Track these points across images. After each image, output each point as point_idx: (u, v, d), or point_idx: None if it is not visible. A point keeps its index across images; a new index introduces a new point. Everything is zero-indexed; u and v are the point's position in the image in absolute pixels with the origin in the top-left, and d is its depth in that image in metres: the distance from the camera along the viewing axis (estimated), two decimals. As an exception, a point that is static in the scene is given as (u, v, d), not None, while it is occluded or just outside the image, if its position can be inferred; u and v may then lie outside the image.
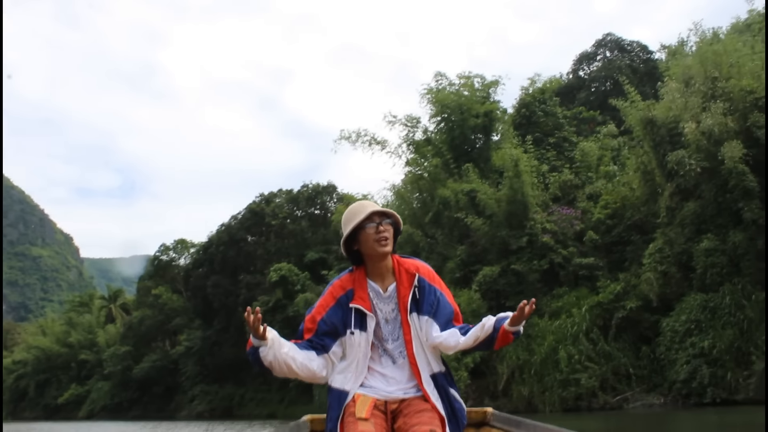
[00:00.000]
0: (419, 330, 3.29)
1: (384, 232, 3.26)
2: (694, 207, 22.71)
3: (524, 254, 26.87)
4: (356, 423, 3.09)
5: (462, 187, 29.17)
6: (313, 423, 3.95)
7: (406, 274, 3.35)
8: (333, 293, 3.35)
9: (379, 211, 3.32)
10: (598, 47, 42.46)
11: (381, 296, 3.33)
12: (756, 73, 22.73)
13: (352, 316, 3.28)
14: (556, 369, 23.38)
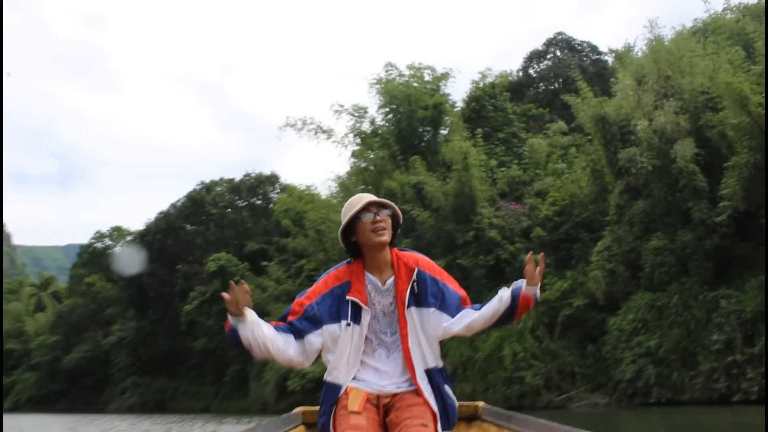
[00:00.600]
0: (417, 324, 3.21)
1: (381, 222, 3.20)
2: (643, 205, 22.24)
3: (470, 249, 26.12)
4: (348, 416, 3.04)
5: (409, 179, 28.28)
6: (304, 415, 3.92)
7: (405, 268, 3.27)
8: (327, 282, 3.27)
9: (376, 201, 3.24)
10: (548, 46, 42.13)
11: (379, 289, 3.25)
12: (708, 73, 22.39)
13: (348, 308, 3.20)
14: (500, 366, 22.66)
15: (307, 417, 3.93)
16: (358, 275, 3.25)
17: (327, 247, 32.60)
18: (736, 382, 17.16)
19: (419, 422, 3.02)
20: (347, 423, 3.02)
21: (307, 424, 3.95)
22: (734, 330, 17.62)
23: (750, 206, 19.68)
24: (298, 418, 3.93)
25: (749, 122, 19.69)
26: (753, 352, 17.12)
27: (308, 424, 3.94)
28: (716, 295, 18.93)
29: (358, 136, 32.36)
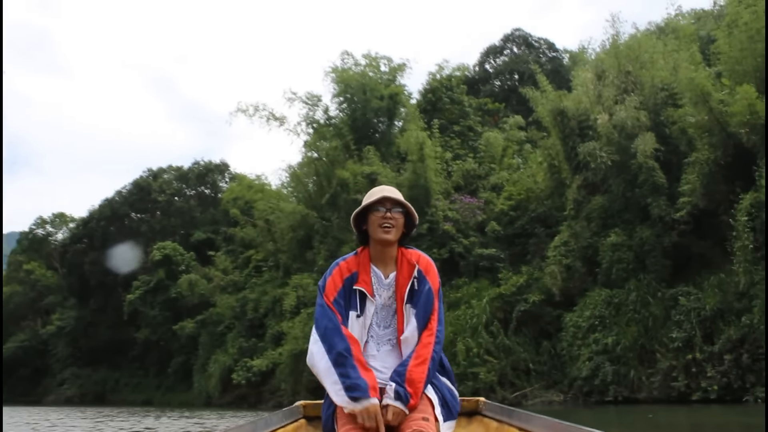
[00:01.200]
0: (412, 320, 3.20)
1: (390, 219, 3.21)
2: (601, 201, 21.67)
3: (424, 242, 25.27)
4: None
5: (362, 169, 27.31)
6: (306, 408, 3.93)
7: (407, 264, 3.28)
8: (341, 274, 3.28)
9: (391, 197, 3.25)
10: (505, 42, 41.54)
11: (382, 282, 3.28)
12: (669, 69, 21.92)
13: (357, 298, 3.23)
14: (453, 362, 21.78)
15: (308, 410, 3.92)
16: (365, 266, 3.27)
17: (276, 237, 31.51)
18: (695, 381, 16.62)
19: (419, 416, 2.99)
20: (349, 416, 3.00)
21: (308, 418, 3.91)
22: (694, 328, 17.08)
23: (709, 203, 19.22)
24: (299, 412, 3.91)
25: (710, 119, 19.22)
26: (713, 350, 16.58)
27: (309, 418, 3.90)
28: (675, 293, 18.40)
29: (311, 125, 31.24)
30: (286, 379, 26.99)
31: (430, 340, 3.14)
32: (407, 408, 3.00)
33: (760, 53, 19.95)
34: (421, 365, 3.08)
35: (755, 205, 16.78)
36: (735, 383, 15.97)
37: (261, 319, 31.13)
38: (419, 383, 3.05)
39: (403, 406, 2.99)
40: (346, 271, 3.26)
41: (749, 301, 16.82)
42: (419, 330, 3.16)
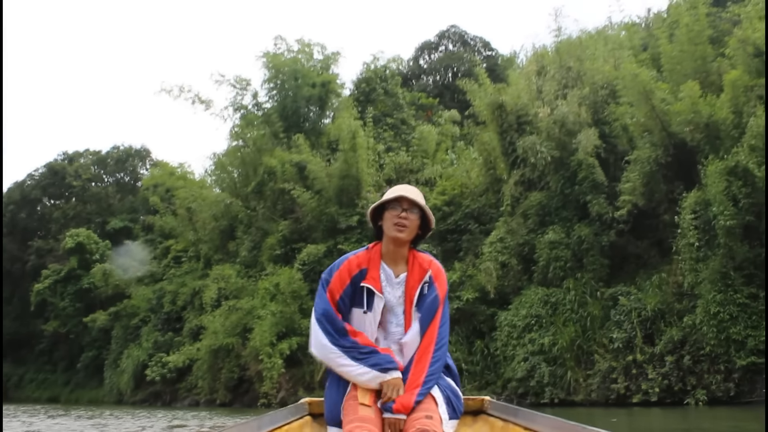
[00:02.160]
0: (413, 322, 3.22)
1: (404, 219, 3.19)
2: (539, 197, 20.81)
3: (353, 234, 24.00)
4: (358, 407, 3.04)
5: (291, 157, 25.83)
6: (311, 406, 3.91)
7: (419, 267, 3.28)
8: (349, 269, 3.26)
9: (408, 197, 3.22)
10: (441, 38, 40.65)
11: (391, 281, 3.26)
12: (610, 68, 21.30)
13: (364, 295, 3.22)
14: (381, 361, 20.61)
15: (314, 408, 3.90)
16: (375, 262, 3.26)
17: (197, 226, 29.70)
18: (635, 383, 15.83)
19: (423, 414, 2.99)
20: (356, 414, 2.99)
21: (313, 415, 3.89)
22: (634, 328, 16.31)
23: (649, 203, 18.60)
24: (304, 409, 3.91)
25: (652, 117, 18.60)
26: (654, 352, 15.85)
27: (314, 415, 3.88)
28: (614, 292, 17.64)
29: (239, 110, 29.54)
30: (203, 376, 25.24)
31: (430, 346, 3.16)
32: (402, 413, 3.02)
33: (701, 55, 19.56)
34: (421, 370, 3.11)
35: (700, 203, 16.13)
36: (676, 385, 15.26)
37: (179, 312, 29.21)
38: (416, 389, 3.07)
39: (393, 415, 3.02)
40: (355, 268, 3.24)
41: (690, 301, 16.19)
42: (420, 334, 3.19)
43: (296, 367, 23.07)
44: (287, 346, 22.22)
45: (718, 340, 14.80)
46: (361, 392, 3.10)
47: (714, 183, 15.67)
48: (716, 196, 15.45)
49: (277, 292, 23.17)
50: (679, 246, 16.18)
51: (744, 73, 17.43)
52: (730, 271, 15.28)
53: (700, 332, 15.25)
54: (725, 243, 15.31)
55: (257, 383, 22.99)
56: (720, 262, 15.40)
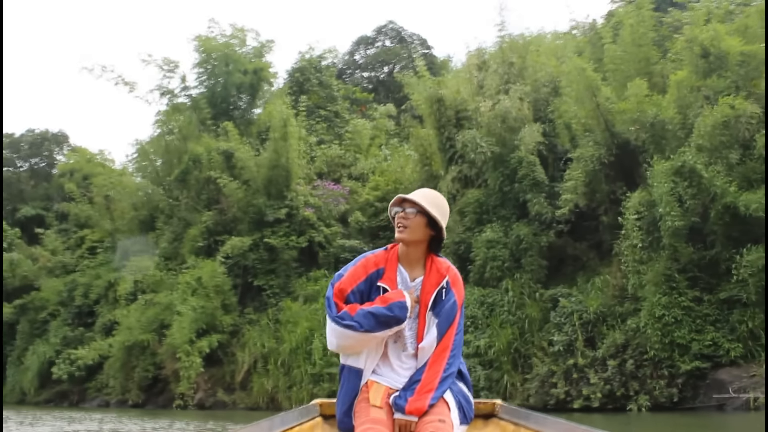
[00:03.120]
0: (433, 327, 3.17)
1: (403, 219, 3.15)
2: (477, 195, 19.92)
3: (281, 228, 22.61)
4: (369, 408, 3.02)
5: (218, 144, 24.25)
6: (322, 407, 3.88)
7: (436, 272, 3.21)
8: (366, 267, 3.21)
9: (405, 197, 3.19)
10: (378, 33, 39.58)
11: (407, 283, 3.21)
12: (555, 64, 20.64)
13: (380, 294, 3.15)
14: (307, 361, 19.27)
15: (325, 409, 3.85)
16: (392, 264, 3.21)
17: (115, 215, 27.72)
18: (576, 388, 14.97)
19: (436, 418, 2.98)
20: (368, 416, 2.98)
21: (324, 416, 3.84)
22: (575, 331, 15.47)
23: (590, 203, 17.91)
24: (315, 410, 3.86)
25: (596, 115, 17.91)
26: (595, 356, 15.04)
27: (326, 416, 3.84)
28: (554, 294, 16.81)
29: (166, 95, 27.70)
30: (115, 375, 23.32)
31: (445, 352, 3.14)
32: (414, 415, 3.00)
33: (644, 57, 19.07)
34: (434, 375, 3.08)
35: (644, 204, 15.44)
36: (618, 391, 14.46)
37: (91, 306, 27.03)
38: (430, 393, 3.04)
39: (405, 417, 3.00)
40: (372, 266, 3.21)
41: (632, 304, 15.48)
42: (437, 340, 3.15)
43: (216, 367, 21.52)
44: (207, 344, 20.65)
45: (662, 344, 14.09)
46: (372, 393, 3.07)
47: (660, 183, 15.01)
48: (662, 197, 14.79)
49: (198, 287, 21.56)
50: (622, 247, 15.46)
51: (691, 73, 16.92)
52: (675, 274, 14.64)
53: (644, 336, 14.53)
54: (670, 244, 14.65)
55: (173, 383, 21.32)
56: (664, 264, 14.73)
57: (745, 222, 14.41)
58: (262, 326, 21.13)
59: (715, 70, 16.57)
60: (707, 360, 13.84)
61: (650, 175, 15.57)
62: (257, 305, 22.20)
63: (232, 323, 21.57)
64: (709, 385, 13.81)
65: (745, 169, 14.97)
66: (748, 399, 13.15)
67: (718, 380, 13.69)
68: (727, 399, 13.39)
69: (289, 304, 21.07)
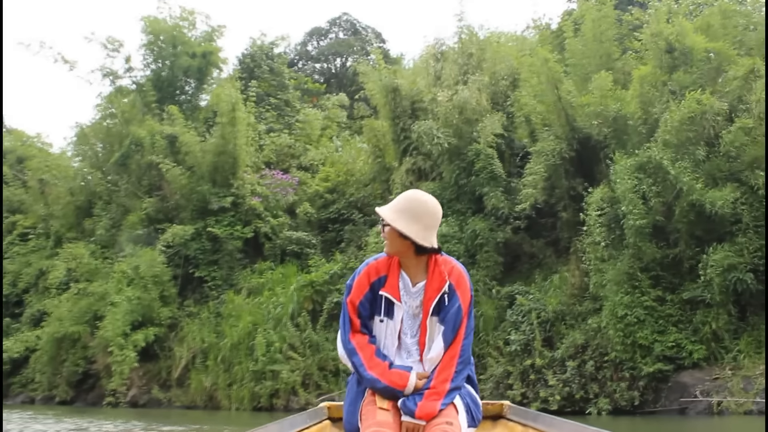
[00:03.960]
0: (436, 333, 3.05)
1: (383, 234, 3.05)
2: (432, 188, 18.94)
3: (226, 217, 21.33)
4: (376, 411, 2.94)
5: (162, 128, 22.80)
6: (330, 410, 3.80)
7: (438, 276, 3.04)
8: (369, 275, 3.10)
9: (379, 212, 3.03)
10: (332, 25, 38.39)
11: (409, 290, 3.09)
12: (516, 55, 19.91)
13: (382, 303, 3.07)
14: (249, 357, 18.04)
15: (333, 412, 3.77)
16: (394, 270, 3.09)
17: (50, 200, 25.94)
18: (533, 390, 14.13)
19: (444, 420, 2.89)
20: (374, 418, 2.92)
21: (332, 419, 3.76)
22: (533, 330, 14.63)
23: (549, 199, 17.19)
24: (323, 413, 3.78)
25: (557, 108, 17.20)
26: (554, 356, 14.23)
27: (333, 419, 3.76)
28: (510, 291, 15.96)
29: (109, 75, 26.05)
30: (42, 369, 21.64)
31: (454, 359, 3.01)
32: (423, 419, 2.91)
33: (606, 52, 18.44)
34: (444, 381, 2.97)
35: (606, 200, 14.72)
36: (577, 393, 13.67)
37: (20, 295, 25.20)
38: (439, 398, 2.93)
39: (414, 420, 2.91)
40: (374, 274, 3.10)
41: (593, 303, 14.75)
42: (445, 348, 3.02)
43: (152, 362, 20.11)
44: (143, 338, 19.22)
45: (624, 345, 13.37)
46: (379, 396, 2.99)
47: (623, 180, 14.32)
48: (625, 194, 14.09)
49: (135, 276, 20.12)
50: (584, 244, 14.70)
51: (655, 68, 16.32)
52: (638, 272, 13.94)
53: (605, 336, 13.80)
54: (634, 243, 13.94)
55: (105, 379, 19.83)
56: (627, 263, 14.02)
57: (710, 220, 13.83)
58: (203, 320, 19.80)
59: (680, 65, 15.99)
60: (669, 362, 13.16)
61: (613, 171, 14.86)
62: (198, 297, 20.85)
63: (170, 316, 20.17)
64: (671, 388, 13.13)
65: (710, 167, 14.35)
66: (711, 403, 12.49)
67: (681, 383, 13.02)
68: (690, 403, 12.72)
69: (231, 296, 19.79)
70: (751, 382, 12.41)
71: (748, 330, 13.17)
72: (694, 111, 14.30)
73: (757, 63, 14.83)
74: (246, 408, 17.56)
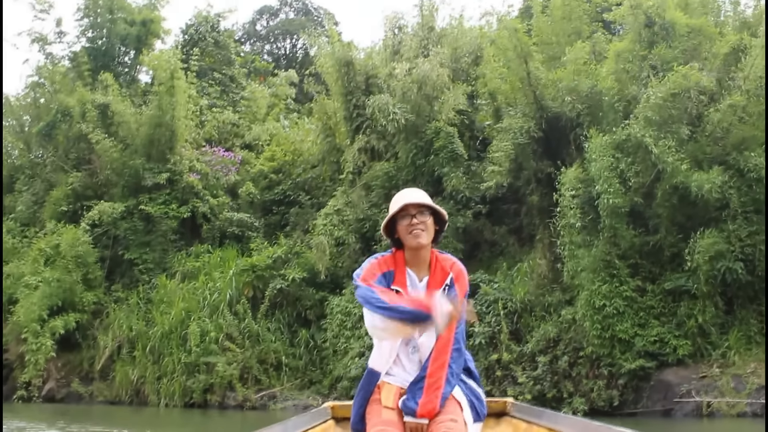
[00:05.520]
0: None
1: (418, 224, 3.01)
2: (386, 168, 17.22)
3: (161, 195, 19.13)
4: (381, 410, 2.92)
5: (94, 97, 20.38)
6: (334, 410, 3.75)
7: (441, 270, 3.10)
8: (379, 265, 3.08)
9: (414, 203, 3.03)
10: (282, 5, 36.11)
11: (415, 285, 3.08)
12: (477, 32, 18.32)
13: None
14: (182, 348, 15.90)
15: (337, 411, 3.75)
16: (401, 267, 3.09)
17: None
18: (499, 387, 12.42)
19: (448, 417, 2.87)
20: (379, 417, 2.90)
21: (336, 419, 3.72)
22: (499, 322, 12.94)
23: (515, 181, 15.55)
24: (327, 413, 3.73)
25: (525, 85, 15.57)
26: (523, 351, 12.57)
27: (337, 419, 3.72)
28: (473, 280, 14.18)
29: (38, 41, 23.47)
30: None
31: (447, 346, 2.98)
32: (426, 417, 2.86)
33: (575, 31, 16.92)
34: (439, 370, 2.92)
35: (581, 181, 13.13)
36: (549, 392, 12.03)
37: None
38: (438, 390, 2.88)
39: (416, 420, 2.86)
40: (384, 266, 3.06)
41: (565, 293, 13.16)
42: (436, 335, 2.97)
43: (72, 352, 17.78)
44: (62, 325, 16.87)
45: (602, 338, 11.78)
46: (384, 394, 2.97)
47: (599, 158, 12.77)
48: (601, 172, 12.54)
49: (56, 256, 17.74)
50: (558, 227, 13.03)
51: (633, 42, 14.86)
52: (615, 260, 12.37)
53: (580, 329, 12.20)
54: (610, 226, 12.37)
55: (18, 370, 17.37)
56: (602, 249, 12.44)
57: (695, 205, 12.37)
58: (131, 306, 17.53)
59: (661, 40, 14.51)
60: (652, 358, 11.62)
61: (587, 149, 13.29)
62: (128, 282, 18.56)
63: (95, 301, 17.84)
64: (654, 387, 11.58)
65: (694, 148, 12.89)
66: (700, 404, 10.99)
67: (664, 382, 11.51)
68: (676, 403, 11.20)
69: (163, 281, 17.58)
70: (742, 381, 10.96)
71: (736, 324, 11.73)
72: (680, 86, 12.83)
73: (745, 38, 13.47)
74: (177, 404, 15.43)
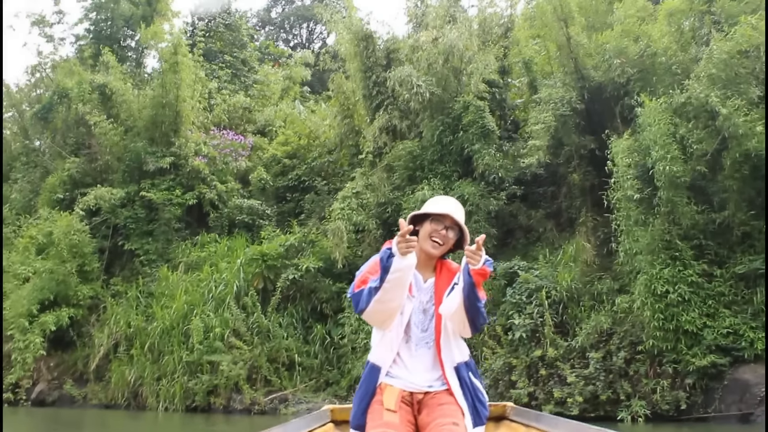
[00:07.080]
0: (448, 324, 3.08)
1: (444, 237, 3.10)
2: (410, 147, 15.63)
3: (165, 180, 17.72)
4: (383, 412, 2.91)
5: (94, 77, 19.02)
6: (333, 413, 3.75)
7: (447, 272, 3.14)
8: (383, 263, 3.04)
9: (453, 217, 3.11)
10: (298, -10, 34.88)
11: (420, 285, 3.13)
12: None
13: None
14: (183, 346, 14.38)
15: (336, 414, 3.72)
16: None
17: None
18: (543, 389, 10.75)
19: (450, 421, 2.88)
20: (380, 419, 2.89)
21: (335, 422, 3.70)
22: (542, 314, 11.24)
23: (554, 159, 13.89)
24: (326, 416, 3.72)
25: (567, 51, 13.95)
26: (571, 346, 10.86)
27: (337, 422, 3.69)
28: (510, 267, 12.55)
29: (38, 24, 22.25)
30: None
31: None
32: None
33: None
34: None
35: (634, 150, 11.45)
36: (603, 394, 10.30)
37: None
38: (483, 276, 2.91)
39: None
40: None
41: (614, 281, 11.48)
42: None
43: (66, 351, 16.33)
44: (54, 320, 15.42)
45: (664, 331, 10.05)
46: (386, 397, 2.96)
47: (655, 124, 11.10)
48: (657, 138, 10.89)
49: (49, 245, 16.32)
50: (613, 200, 11.31)
51: (688, 0, 13.18)
52: (676, 240, 10.66)
53: (638, 320, 10.49)
54: (668, 199, 10.66)
55: (4, 371, 15.94)
56: (661, 228, 10.74)
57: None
58: (130, 300, 16.05)
59: (722, -8, 12.83)
60: (724, 354, 9.89)
61: (640, 115, 11.62)
62: (128, 274, 17.13)
63: (91, 295, 16.39)
64: (728, 387, 9.82)
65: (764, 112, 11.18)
66: (786, 408, 9.25)
67: (740, 381, 9.76)
68: (756, 406, 9.46)
69: (165, 273, 16.09)
70: (838, 381, 9.19)
71: (826, 314, 9.95)
72: (748, 42, 11.13)
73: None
74: (177, 408, 13.89)
